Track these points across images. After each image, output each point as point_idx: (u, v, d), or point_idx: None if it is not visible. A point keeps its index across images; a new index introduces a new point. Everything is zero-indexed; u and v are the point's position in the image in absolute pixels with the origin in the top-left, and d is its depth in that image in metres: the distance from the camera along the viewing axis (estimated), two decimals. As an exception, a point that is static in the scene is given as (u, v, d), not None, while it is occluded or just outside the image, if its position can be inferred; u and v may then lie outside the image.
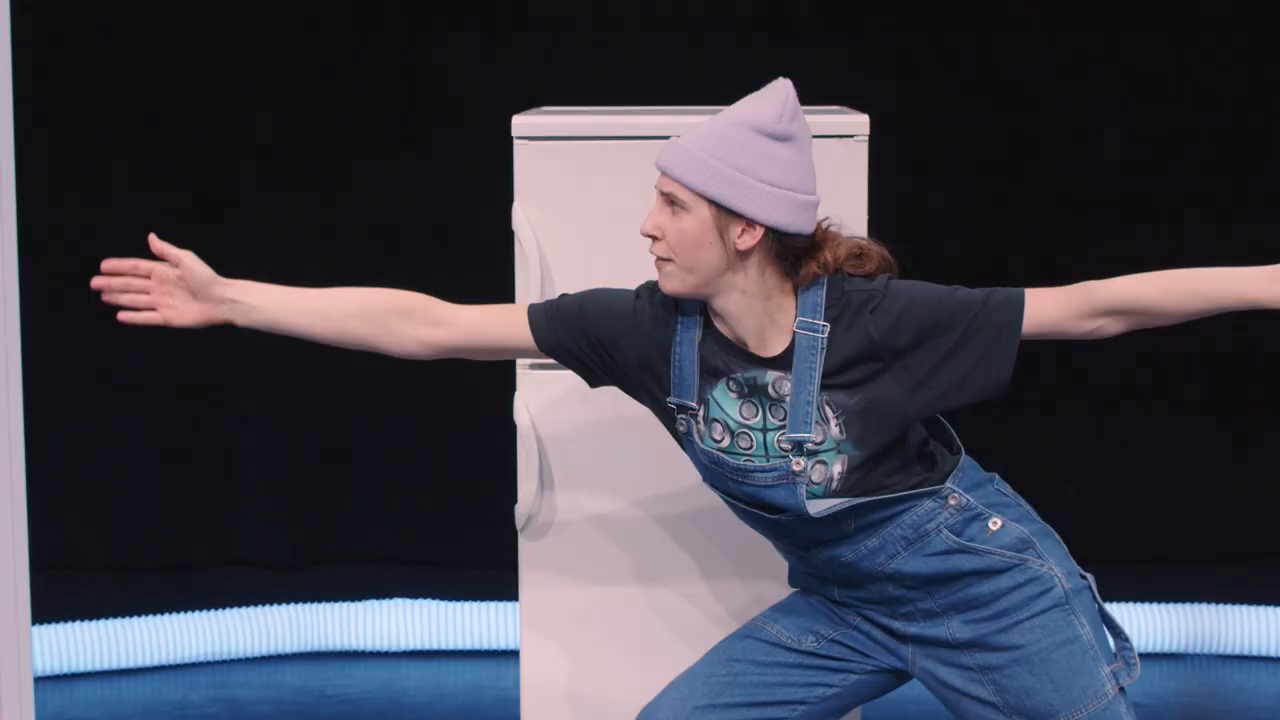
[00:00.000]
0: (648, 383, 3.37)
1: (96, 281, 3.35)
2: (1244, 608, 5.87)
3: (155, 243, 3.34)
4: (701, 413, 3.34)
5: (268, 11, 5.77)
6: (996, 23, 5.76)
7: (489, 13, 5.79)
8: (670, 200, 3.24)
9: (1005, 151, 5.80)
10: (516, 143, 3.77)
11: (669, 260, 3.24)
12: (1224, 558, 5.95)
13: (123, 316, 3.36)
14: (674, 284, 3.26)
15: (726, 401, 3.32)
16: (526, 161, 3.77)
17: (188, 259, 3.34)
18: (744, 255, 3.25)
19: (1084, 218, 5.80)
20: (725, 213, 3.23)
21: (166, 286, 3.35)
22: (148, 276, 3.35)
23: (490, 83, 5.70)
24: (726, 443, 3.33)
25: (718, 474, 3.37)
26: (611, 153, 3.77)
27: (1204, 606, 5.88)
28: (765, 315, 3.28)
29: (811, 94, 3.76)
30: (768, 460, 3.30)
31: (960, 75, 5.77)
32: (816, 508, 3.29)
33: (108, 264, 3.35)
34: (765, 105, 3.27)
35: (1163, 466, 5.90)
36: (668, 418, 3.40)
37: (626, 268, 3.74)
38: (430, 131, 5.83)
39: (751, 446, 3.31)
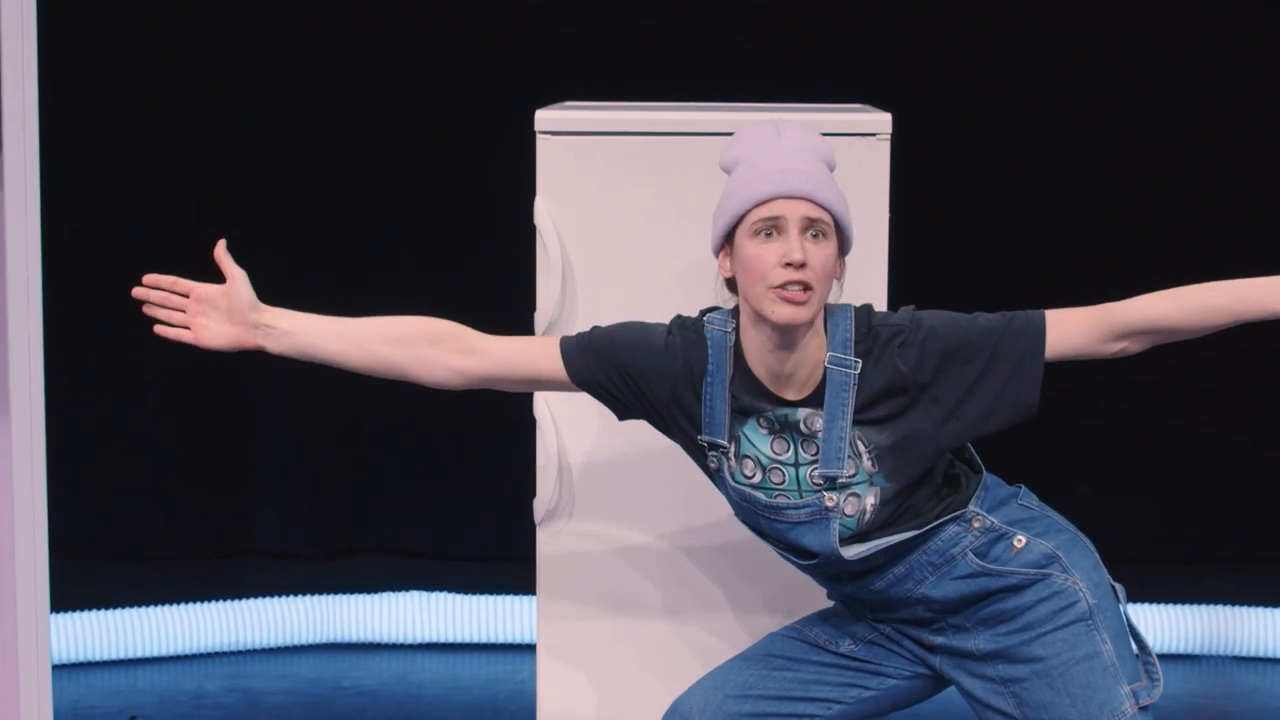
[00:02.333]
0: (678, 418, 3.36)
1: (137, 292, 3.36)
2: (1259, 609, 5.86)
3: (220, 251, 3.35)
4: (733, 449, 3.33)
5: (261, 10, 5.77)
6: (998, 22, 5.75)
7: (511, 8, 5.79)
8: (810, 226, 3.21)
9: (1025, 154, 5.80)
10: (539, 138, 3.77)
11: (812, 289, 3.20)
12: (1239, 559, 5.95)
13: (159, 330, 3.38)
14: (810, 312, 3.20)
15: (758, 437, 3.32)
16: (549, 156, 3.77)
17: (240, 279, 3.34)
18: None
19: (1103, 223, 5.80)
20: (841, 241, 3.26)
21: (203, 306, 3.36)
22: (186, 295, 3.35)
23: (513, 79, 5.70)
24: (758, 479, 3.33)
25: (749, 511, 3.36)
26: (634, 148, 3.76)
27: (1218, 608, 5.87)
28: (811, 353, 3.28)
29: (832, 93, 3.77)
30: (800, 496, 3.30)
31: (963, 75, 5.77)
32: (850, 553, 3.29)
33: (149, 279, 3.36)
34: (820, 141, 3.30)
35: (1178, 468, 5.90)
36: (699, 454, 3.39)
37: (648, 263, 3.75)
38: (452, 130, 5.83)
39: (784, 482, 3.31)
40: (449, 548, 5.99)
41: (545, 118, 3.78)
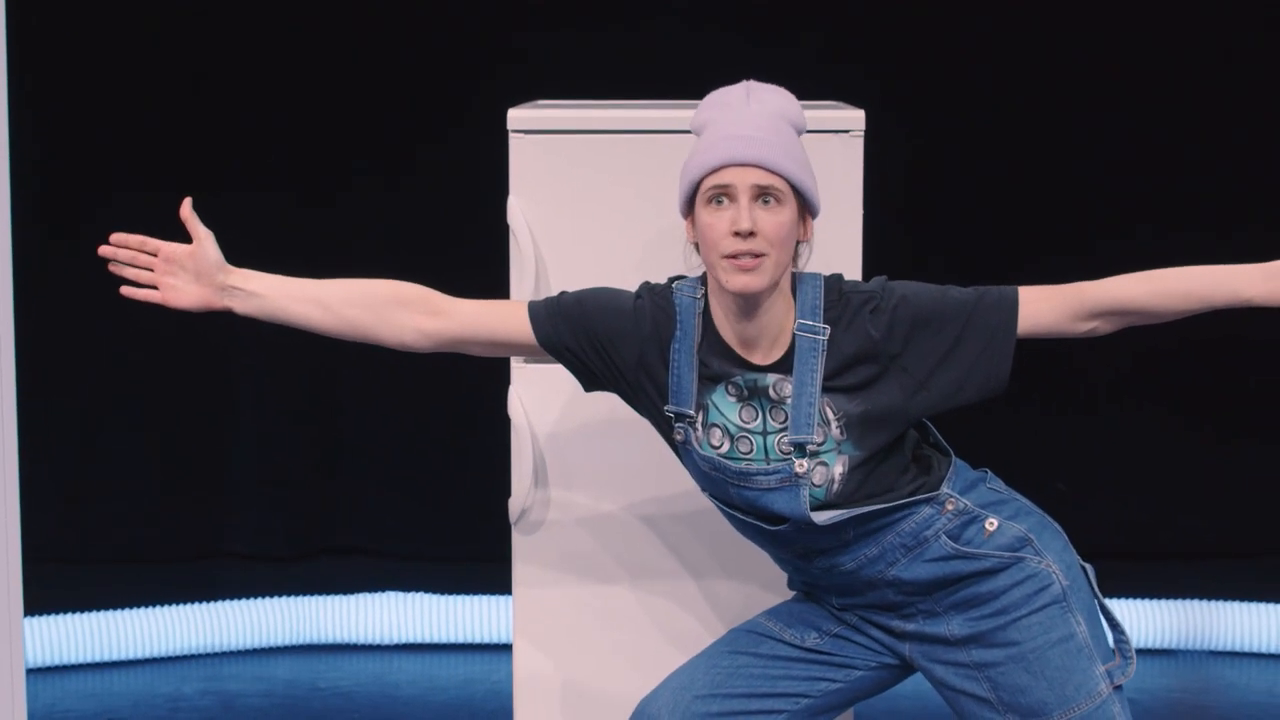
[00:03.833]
0: (645, 386, 3.36)
1: (104, 250, 3.35)
2: (1235, 604, 5.88)
3: (186, 210, 3.34)
4: (700, 418, 3.33)
5: (261, 10, 5.76)
6: (998, 22, 5.76)
7: (484, 7, 5.79)
8: (762, 194, 3.21)
9: (1006, 151, 5.80)
10: (512, 136, 3.76)
11: (764, 255, 3.20)
12: (1215, 554, 5.96)
13: (125, 291, 3.36)
14: (764, 279, 3.20)
15: (726, 405, 3.31)
16: (522, 155, 3.76)
17: (206, 240, 3.34)
18: (796, 249, 3.28)
19: (1082, 217, 5.80)
20: (802, 205, 3.26)
21: (171, 266, 3.35)
22: (155, 254, 3.35)
23: (485, 77, 5.70)
24: (726, 448, 3.32)
25: (718, 480, 3.35)
26: (607, 147, 3.76)
27: (1195, 602, 5.88)
28: (777, 317, 3.28)
29: (810, 90, 3.76)
30: (769, 464, 3.30)
31: (961, 75, 5.77)
32: (821, 517, 3.28)
33: (116, 237, 3.35)
34: (788, 102, 3.30)
35: (1154, 462, 5.91)
36: (665, 426, 3.38)
37: (621, 261, 3.74)
38: (425, 128, 5.82)
39: (751, 450, 3.31)
40: (425, 548, 5.98)
41: (518, 116, 3.77)
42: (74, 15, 5.65)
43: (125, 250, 3.35)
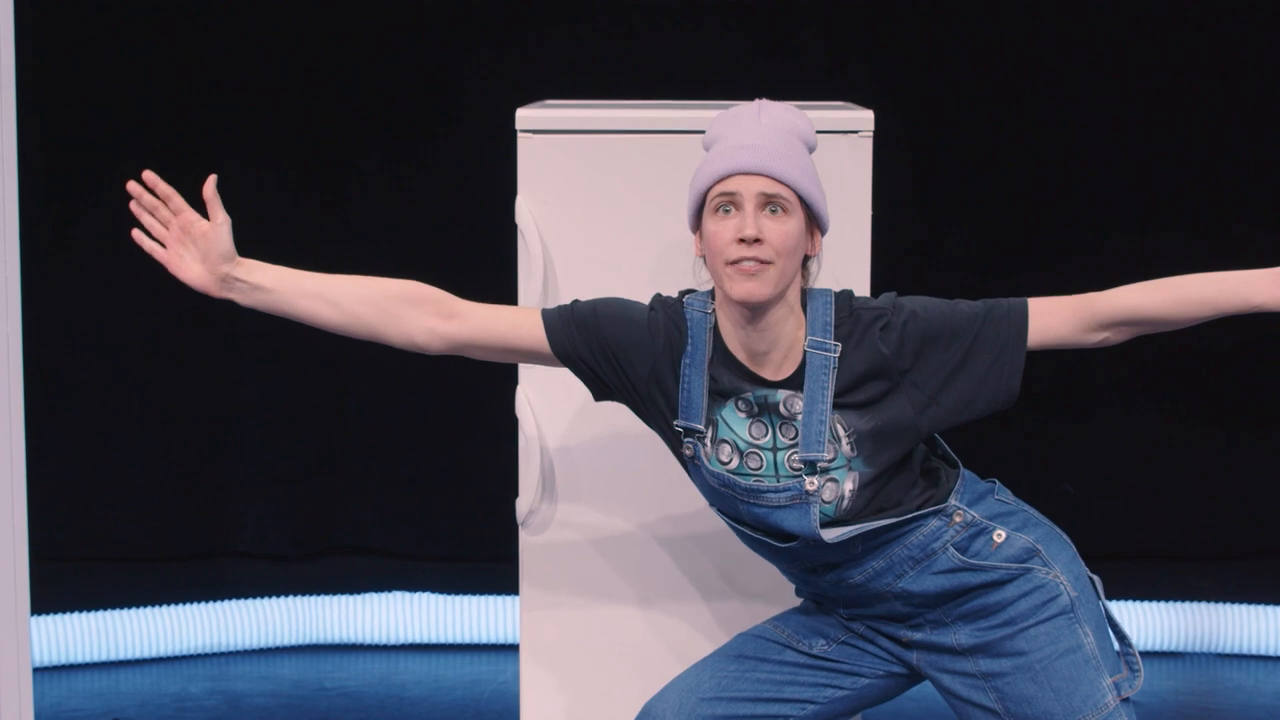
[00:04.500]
0: (656, 399, 3.35)
1: (132, 186, 3.27)
2: (1242, 606, 5.87)
3: (209, 190, 3.26)
4: (710, 434, 3.32)
5: (261, 10, 5.76)
6: (999, 22, 5.76)
7: (485, 7, 5.79)
8: (768, 202, 3.20)
9: (1006, 152, 5.80)
10: (520, 136, 3.76)
11: (769, 264, 3.19)
12: (1222, 556, 5.96)
13: (136, 235, 3.28)
14: (769, 288, 3.19)
15: (735, 421, 3.31)
16: (530, 155, 3.76)
17: (222, 226, 3.26)
18: (804, 263, 3.27)
19: (1083, 217, 5.80)
20: (809, 217, 3.25)
21: (185, 237, 3.29)
22: (176, 214, 3.28)
23: (486, 77, 5.69)
24: (735, 464, 3.31)
25: (727, 497, 3.34)
26: (615, 147, 3.76)
27: (1202, 605, 5.88)
28: (787, 332, 3.28)
29: (810, 90, 3.77)
30: (778, 480, 3.29)
31: (962, 75, 5.77)
32: (830, 535, 3.27)
33: (148, 176, 3.28)
34: (799, 118, 3.29)
35: (1161, 465, 5.90)
36: (674, 441, 3.37)
37: (630, 262, 3.74)
38: (433, 127, 5.82)
39: (761, 466, 3.30)
40: (431, 548, 5.99)
41: (525, 116, 3.77)
42: (74, 14, 5.65)
43: (149, 198, 3.29)
